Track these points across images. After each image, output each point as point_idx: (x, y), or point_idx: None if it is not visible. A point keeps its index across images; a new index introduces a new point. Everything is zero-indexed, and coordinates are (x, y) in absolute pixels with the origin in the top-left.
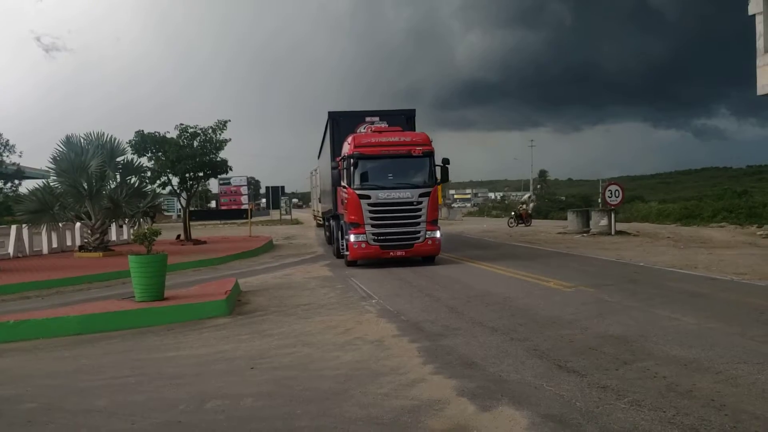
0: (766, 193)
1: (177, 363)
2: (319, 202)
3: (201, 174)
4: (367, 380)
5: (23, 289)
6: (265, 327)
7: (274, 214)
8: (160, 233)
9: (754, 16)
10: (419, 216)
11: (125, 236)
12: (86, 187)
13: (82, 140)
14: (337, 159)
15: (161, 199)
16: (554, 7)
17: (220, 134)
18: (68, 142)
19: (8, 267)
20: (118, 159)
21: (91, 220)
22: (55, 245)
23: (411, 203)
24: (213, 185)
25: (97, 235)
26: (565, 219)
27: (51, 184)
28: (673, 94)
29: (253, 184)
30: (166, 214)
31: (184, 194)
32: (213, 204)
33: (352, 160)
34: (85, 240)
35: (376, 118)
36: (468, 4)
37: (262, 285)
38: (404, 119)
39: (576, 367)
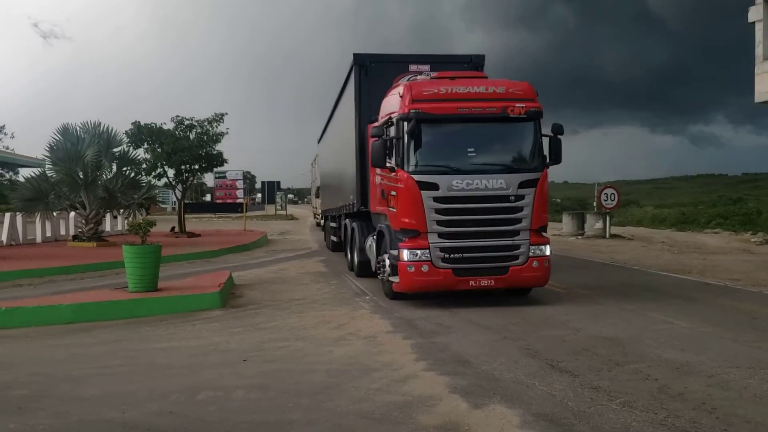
0: (761, 201)
1: (169, 354)
2: (316, 197)
3: (197, 166)
4: (359, 375)
5: (16, 277)
6: (258, 320)
7: (269, 210)
8: (155, 224)
9: (753, 23)
10: (519, 220)
11: (119, 227)
12: (82, 176)
13: (78, 129)
14: (373, 125)
15: (156, 191)
16: (556, 10)
17: (216, 127)
18: (64, 131)
19: (1, 254)
20: (115, 149)
21: (85, 209)
22: (48, 234)
23: (506, 198)
24: (208, 179)
25: (92, 225)
26: (560, 221)
27: (47, 172)
28: (672, 100)
29: (249, 178)
30: (161, 206)
31: (179, 186)
32: (208, 197)
33: (406, 125)
34: (79, 230)
35: (426, 67)
36: (470, 5)
37: (256, 279)
38: (468, 69)
39: (568, 368)
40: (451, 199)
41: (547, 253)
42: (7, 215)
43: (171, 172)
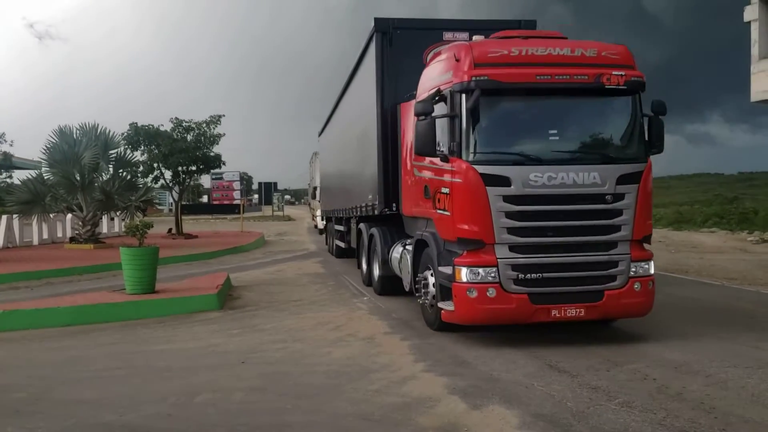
0: (757, 200)
1: (167, 356)
2: (312, 198)
3: (194, 168)
4: (358, 377)
5: (12, 280)
6: (256, 322)
7: (266, 210)
8: (153, 226)
9: (749, 23)
10: (617, 227)
11: (116, 229)
12: (78, 178)
13: (76, 131)
14: (407, 103)
15: (153, 193)
16: (554, 9)
17: (214, 129)
18: (61, 133)
19: None
20: (111, 152)
21: (82, 211)
22: (45, 236)
23: (601, 198)
24: (205, 180)
25: (89, 227)
26: None
27: (43, 174)
28: (668, 99)
29: (245, 180)
30: (158, 207)
31: (176, 188)
32: (205, 198)
33: (465, 98)
34: (76, 232)
35: (464, 35)
36: (467, 3)
37: (254, 280)
38: None
39: (567, 368)
40: (527, 198)
41: (651, 271)
42: (4, 217)
43: (168, 174)
